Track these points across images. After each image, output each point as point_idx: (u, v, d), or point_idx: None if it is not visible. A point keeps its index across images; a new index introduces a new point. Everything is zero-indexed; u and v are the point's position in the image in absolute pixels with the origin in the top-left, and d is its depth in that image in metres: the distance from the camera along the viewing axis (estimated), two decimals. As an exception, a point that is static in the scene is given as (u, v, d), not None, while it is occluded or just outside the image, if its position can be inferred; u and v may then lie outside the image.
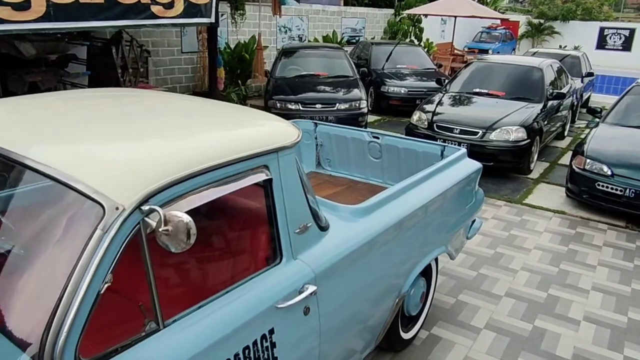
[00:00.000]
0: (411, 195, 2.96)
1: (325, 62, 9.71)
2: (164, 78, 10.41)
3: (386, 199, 2.73)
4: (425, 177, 3.19)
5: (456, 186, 3.37)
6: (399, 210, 2.76)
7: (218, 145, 1.86)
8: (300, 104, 8.28)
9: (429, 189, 3.12)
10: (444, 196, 3.21)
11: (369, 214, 2.57)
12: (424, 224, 3.03)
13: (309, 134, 4.56)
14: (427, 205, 3.00)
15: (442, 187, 3.21)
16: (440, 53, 17.69)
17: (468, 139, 6.93)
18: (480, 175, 3.78)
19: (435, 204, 3.12)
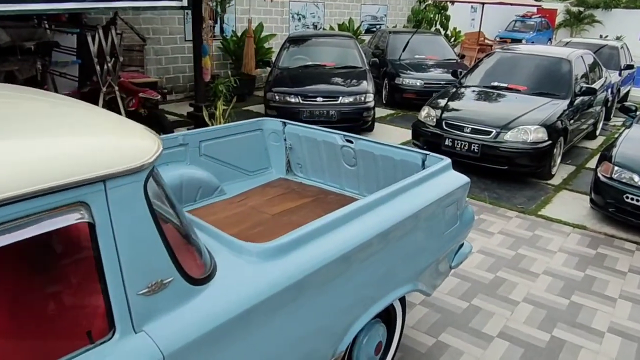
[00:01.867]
0: (363, 222, 2.31)
1: (334, 52, 9.02)
2: (165, 67, 9.94)
3: (317, 230, 2.09)
4: (389, 195, 2.53)
5: (433, 206, 2.70)
6: (337, 245, 2.11)
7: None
8: (300, 96, 7.64)
9: (392, 212, 2.46)
10: (414, 220, 2.55)
11: (285, 254, 1.94)
12: (380, 258, 2.37)
13: (277, 134, 3.94)
14: (385, 233, 2.35)
15: (411, 209, 2.55)
16: (468, 43, 16.70)
17: (480, 139, 6.16)
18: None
19: (400, 230, 2.46)
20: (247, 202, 3.48)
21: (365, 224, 2.31)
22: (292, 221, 3.17)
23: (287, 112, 7.55)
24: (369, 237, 2.26)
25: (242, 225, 3.09)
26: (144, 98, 6.59)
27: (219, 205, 3.39)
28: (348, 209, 2.30)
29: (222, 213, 3.27)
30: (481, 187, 6.09)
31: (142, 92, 6.59)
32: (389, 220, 2.41)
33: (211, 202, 3.43)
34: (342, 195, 3.69)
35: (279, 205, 3.45)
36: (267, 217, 3.25)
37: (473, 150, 6.16)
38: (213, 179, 3.51)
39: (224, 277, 1.74)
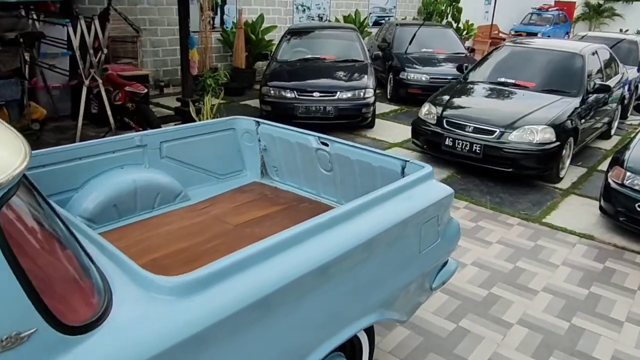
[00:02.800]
0: (319, 243, 1.97)
1: (335, 45, 8.65)
2: (163, 59, 9.67)
3: (253, 257, 1.75)
4: (355, 209, 2.19)
5: (408, 222, 2.35)
6: (280, 272, 1.78)
7: None
8: (296, 91, 7.29)
9: (357, 230, 2.12)
10: (383, 239, 2.20)
11: (208, 288, 1.61)
12: (338, 285, 2.03)
13: (251, 135, 3.61)
14: (346, 256, 2.01)
15: (381, 226, 2.21)
16: (481, 36, 16.18)
17: (482, 139, 5.76)
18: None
19: (364, 252, 2.12)
20: (211, 209, 3.16)
21: (321, 245, 1.97)
22: (254, 233, 2.85)
23: (282, 108, 7.24)
24: (324, 262, 1.92)
25: (196, 239, 2.77)
26: (131, 92, 6.30)
27: (178, 213, 3.08)
28: (300, 228, 1.96)
29: (179, 223, 2.95)
30: (483, 190, 5.71)
31: (128, 86, 6.30)
32: (352, 240, 2.07)
33: (170, 210, 3.12)
34: (317, 203, 3.35)
35: (246, 214, 3.13)
36: (228, 228, 2.93)
37: (475, 150, 5.77)
38: (175, 184, 3.20)
39: (119, 321, 1.42)
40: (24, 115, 6.58)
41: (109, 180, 2.91)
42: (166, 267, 2.47)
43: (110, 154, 2.96)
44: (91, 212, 2.80)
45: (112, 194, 2.88)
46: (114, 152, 2.97)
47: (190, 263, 2.50)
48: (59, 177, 2.75)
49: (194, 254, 2.60)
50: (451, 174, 6.16)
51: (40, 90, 7.28)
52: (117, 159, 3.00)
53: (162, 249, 2.65)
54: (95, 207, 2.81)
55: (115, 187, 2.90)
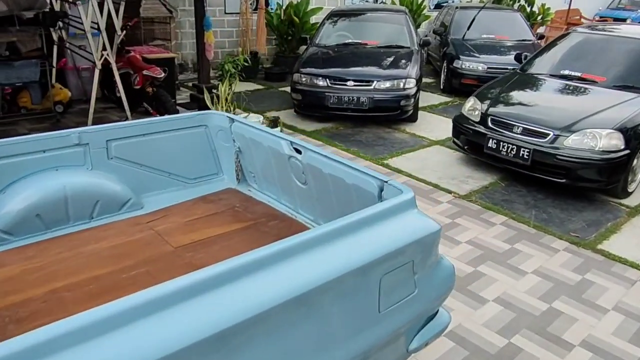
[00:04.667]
0: (231, 294, 1.42)
1: (380, 29, 7.89)
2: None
3: (107, 321, 1.21)
4: (289, 250, 1.60)
5: (365, 271, 1.72)
6: (162, 338, 1.23)
7: None
8: (328, 79, 6.65)
9: (289, 277, 1.55)
10: (324, 292, 1.60)
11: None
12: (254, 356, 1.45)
13: (226, 133, 3.05)
14: (267, 315, 1.45)
15: (324, 274, 1.60)
16: (559, 22, 14.62)
17: (532, 142, 4.88)
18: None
19: (294, 310, 1.53)
20: (159, 223, 2.65)
21: (232, 298, 1.41)
22: (194, 261, 2.31)
23: (313, 97, 6.65)
24: (232, 324, 1.36)
25: (121, 263, 2.27)
26: (149, 76, 5.95)
27: (117, 227, 2.59)
28: (207, 273, 1.41)
29: (112, 239, 2.47)
30: (528, 203, 4.84)
31: (146, 69, 5.95)
32: (278, 293, 1.49)
33: (111, 222, 2.64)
34: (289, 222, 2.75)
35: (198, 232, 2.59)
36: (166, 250, 2.41)
37: (522, 156, 4.90)
38: (121, 190, 2.72)
39: None
40: (47, 97, 6.42)
41: (33, 184, 2.47)
42: (63, 302, 1.99)
43: (39, 154, 2.51)
44: (8, 223, 2.38)
45: (34, 202, 2.44)
46: (44, 152, 2.53)
47: (95, 298, 2.01)
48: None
49: (105, 286, 2.11)
50: (494, 180, 5.32)
51: (70, 71, 7.13)
52: (50, 159, 2.55)
53: (72, 275, 2.17)
54: (13, 216, 2.39)
55: (39, 193, 2.45)
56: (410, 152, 6.12)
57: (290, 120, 7.09)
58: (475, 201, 4.84)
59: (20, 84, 5.95)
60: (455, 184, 5.21)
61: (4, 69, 5.75)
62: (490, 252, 3.95)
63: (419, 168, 5.60)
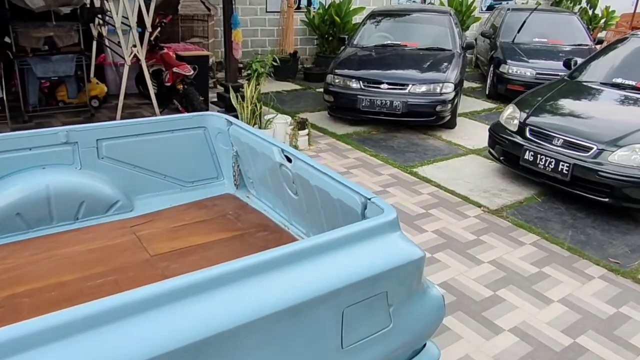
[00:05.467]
0: (172, 316, 1.29)
1: (422, 30, 7.58)
2: (243, 40, 9.26)
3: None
4: (245, 270, 1.45)
5: (326, 300, 1.52)
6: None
7: None
8: (362, 81, 6.43)
9: (241, 301, 1.40)
10: (273, 322, 1.43)
11: None
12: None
13: (224, 135, 2.91)
14: (204, 344, 1.30)
15: (278, 302, 1.43)
16: (625, 26, 13.68)
17: (573, 156, 4.47)
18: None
19: (240, 338, 1.37)
20: (143, 228, 2.54)
21: (174, 320, 1.27)
22: (166, 272, 2.18)
23: (345, 99, 6.46)
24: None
25: (91, 269, 2.17)
26: (178, 73, 5.93)
27: (98, 230, 2.50)
28: (149, 290, 1.28)
29: (90, 243, 2.37)
30: (565, 222, 4.44)
31: (176, 67, 5.94)
32: (228, 318, 1.33)
33: (93, 224, 2.55)
34: (280, 234, 2.57)
35: (181, 239, 2.46)
36: (142, 258, 2.29)
37: (561, 170, 4.50)
38: (109, 191, 2.63)
39: None
40: (83, 91, 6.55)
41: (17, 183, 2.41)
42: (18, 309, 1.90)
43: (25, 151, 2.46)
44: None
45: (15, 200, 2.38)
46: (30, 149, 2.47)
47: (53, 306, 1.91)
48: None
49: (68, 293, 2.01)
50: (531, 195, 4.94)
51: (108, 67, 7.26)
52: (37, 157, 2.49)
53: (38, 279, 2.08)
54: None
55: (21, 192, 2.40)
56: (443, 160, 5.80)
57: (322, 122, 6.91)
58: (506, 217, 4.49)
59: (56, 77, 6.08)
60: (487, 198, 4.86)
61: (42, 63, 5.89)
62: (514, 275, 3.62)
63: (449, 178, 5.28)
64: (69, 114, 6.44)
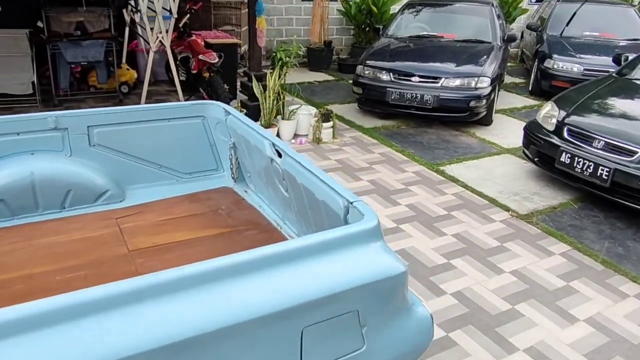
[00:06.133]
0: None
1: (460, 21, 7.21)
2: (277, 29, 9.15)
3: None
4: (189, 279, 1.30)
5: (276, 320, 1.35)
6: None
7: None
8: (392, 73, 6.16)
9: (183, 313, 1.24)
10: (216, 340, 1.28)
11: None
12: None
13: (223, 126, 2.77)
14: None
15: (221, 318, 1.28)
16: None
17: (614, 160, 4.09)
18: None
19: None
20: (129, 220, 2.43)
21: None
22: (140, 269, 2.05)
23: (374, 91, 6.22)
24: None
25: (66, 262, 2.07)
26: (203, 61, 5.84)
27: (82, 220, 2.41)
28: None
29: (72, 234, 2.28)
30: (602, 232, 4.07)
31: (202, 54, 5.85)
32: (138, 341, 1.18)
33: (79, 214, 2.46)
34: (270, 233, 2.40)
35: (165, 234, 2.33)
36: (120, 252, 2.17)
37: (600, 175, 4.13)
38: (98, 180, 2.54)
39: None
40: (113, 77, 6.58)
41: (2, 169, 2.34)
42: (-20, 302, 1.81)
43: (12, 136, 2.38)
44: (-31, 205, 2.28)
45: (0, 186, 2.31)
46: (17, 134, 2.39)
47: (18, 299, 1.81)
48: (-61, 157, 2.26)
49: (34, 287, 1.91)
50: (566, 201, 4.57)
51: (140, 53, 7.27)
52: (25, 142, 2.42)
53: (8, 270, 2.00)
54: (-25, 199, 2.28)
55: (5, 178, 2.33)
56: (474, 159, 5.48)
57: (350, 115, 6.69)
58: (535, 223, 4.16)
59: (85, 62, 6.12)
60: (517, 201, 4.53)
61: (72, 48, 5.94)
62: (538, 288, 3.33)
63: (478, 178, 4.97)
64: (99, 99, 6.49)
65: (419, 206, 4.34)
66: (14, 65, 5.70)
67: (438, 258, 3.60)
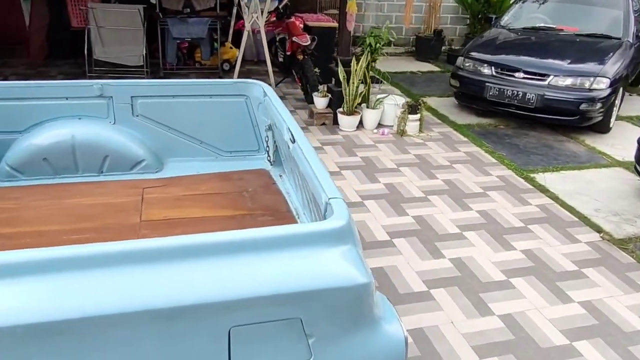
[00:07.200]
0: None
1: (586, 12, 6.38)
2: (387, 15, 8.88)
3: None
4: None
5: (197, 313, 1.27)
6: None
7: None
8: (494, 67, 5.65)
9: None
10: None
11: None
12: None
13: (264, 106, 2.70)
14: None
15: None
16: None
17: None
18: None
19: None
20: (154, 191, 2.47)
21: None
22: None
23: (471, 86, 5.79)
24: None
25: (79, 224, 2.17)
26: (297, 43, 5.84)
27: (112, 186, 2.50)
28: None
29: (93, 198, 2.38)
30: None
31: (296, 36, 5.85)
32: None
33: (112, 179, 2.56)
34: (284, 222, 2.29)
35: (181, 209, 2.34)
36: (129, 222, 2.21)
37: None
38: (135, 149, 2.62)
39: None
40: (216, 54, 6.86)
41: (49, 129, 2.51)
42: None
43: (62, 100, 2.53)
44: (17, 161, 2.48)
45: (43, 146, 2.49)
46: (67, 99, 2.54)
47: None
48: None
49: (41, 243, 1.99)
50: (679, 229, 3.85)
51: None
52: (74, 107, 2.56)
53: (26, 225, 2.13)
54: (22, 156, 2.48)
55: (49, 138, 2.49)
56: (575, 169, 4.84)
57: (445, 109, 6.29)
58: (631, 251, 3.56)
59: (189, 39, 6.44)
60: (614, 223, 3.92)
61: (178, 25, 6.28)
62: (609, 327, 2.84)
63: (573, 191, 4.38)
64: (201, 75, 6.80)
65: (492, 214, 3.94)
66: (128, 38, 6.17)
67: (497, 274, 3.22)
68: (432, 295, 2.98)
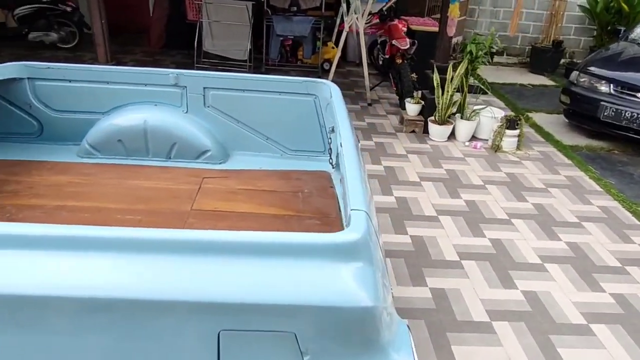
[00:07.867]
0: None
1: None
2: (501, 22, 8.39)
3: None
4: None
5: (186, 309, 1.25)
6: None
7: None
8: (613, 85, 5.08)
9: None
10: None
11: None
12: None
13: (329, 106, 2.64)
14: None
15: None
16: None
17: None
18: None
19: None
20: (213, 182, 2.51)
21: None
22: (187, 225, 2.11)
23: (583, 103, 5.29)
24: None
25: (126, 204, 2.24)
26: (396, 46, 5.70)
27: (177, 172, 2.58)
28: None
29: (156, 182, 2.47)
30: None
31: (395, 39, 5.71)
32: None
33: (179, 166, 2.65)
34: (330, 227, 2.21)
35: (232, 202, 2.35)
36: (180, 209, 2.25)
37: None
38: (202, 139, 2.69)
39: None
40: (317, 53, 6.92)
41: (127, 113, 2.66)
42: (52, 218, 2.10)
43: (140, 86, 2.67)
44: (96, 140, 2.65)
45: (119, 128, 2.63)
46: (145, 85, 2.67)
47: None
48: (86, 96, 2.68)
49: (95, 219, 2.13)
50: None
51: (349, 33, 7.46)
52: (151, 94, 2.68)
53: (88, 199, 2.26)
54: (99, 136, 2.64)
55: (125, 121, 2.63)
56: (699, 208, 4.18)
57: (552, 127, 5.77)
58: None
59: (291, 37, 6.56)
60: None
61: (282, 22, 6.42)
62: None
63: (692, 234, 3.78)
64: (300, 73, 6.90)
65: (584, 248, 3.52)
66: (236, 33, 6.44)
67: (575, 316, 2.87)
68: (493, 327, 2.72)
